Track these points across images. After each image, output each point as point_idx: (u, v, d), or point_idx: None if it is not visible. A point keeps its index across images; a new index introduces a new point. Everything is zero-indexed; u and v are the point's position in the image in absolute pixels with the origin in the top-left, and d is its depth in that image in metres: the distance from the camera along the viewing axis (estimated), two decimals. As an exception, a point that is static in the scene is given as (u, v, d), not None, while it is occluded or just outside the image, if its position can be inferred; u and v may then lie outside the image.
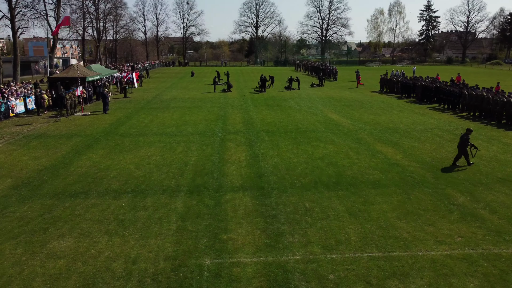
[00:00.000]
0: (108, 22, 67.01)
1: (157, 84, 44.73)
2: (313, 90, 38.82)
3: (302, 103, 29.83)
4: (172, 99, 32.15)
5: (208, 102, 30.08)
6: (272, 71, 66.12)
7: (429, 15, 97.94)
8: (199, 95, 34.38)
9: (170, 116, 24.12)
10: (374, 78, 52.05)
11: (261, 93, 35.75)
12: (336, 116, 24.10)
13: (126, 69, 49.66)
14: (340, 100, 31.25)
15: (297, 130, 20.06)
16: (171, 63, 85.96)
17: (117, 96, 33.83)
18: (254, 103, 29.54)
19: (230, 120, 22.91)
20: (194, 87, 40.85)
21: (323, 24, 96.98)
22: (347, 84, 44.75)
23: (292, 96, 33.96)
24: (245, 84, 44.64)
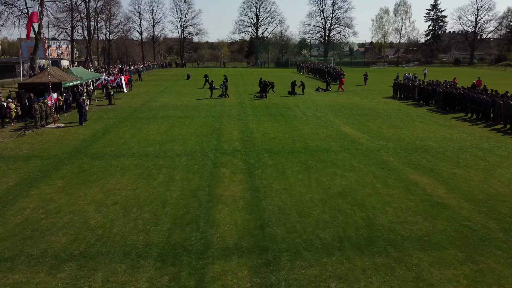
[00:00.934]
0: (101, 21, 63.56)
1: (149, 88, 41.22)
2: (319, 95, 35.33)
3: (308, 111, 26.32)
4: (162, 106, 28.66)
5: (202, 111, 26.58)
6: (273, 73, 62.84)
7: (435, 14, 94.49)
8: (193, 102, 30.89)
9: (156, 129, 20.61)
10: (382, 81, 48.60)
11: (262, 99, 32.27)
12: (350, 129, 20.59)
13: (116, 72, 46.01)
14: (351, 108, 27.75)
15: (307, 149, 16.56)
16: (168, 65, 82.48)
17: (102, 103, 30.33)
18: (254, 112, 26.04)
19: (226, 134, 19.40)
20: (189, 92, 37.35)
21: (326, 24, 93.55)
22: (355, 88, 41.23)
23: (297, 102, 30.46)
24: (245, 88, 41.14)
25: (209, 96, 33.32)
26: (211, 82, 33.87)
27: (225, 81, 39.65)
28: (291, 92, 35.56)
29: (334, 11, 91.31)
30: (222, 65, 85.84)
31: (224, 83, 34.53)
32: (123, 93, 36.38)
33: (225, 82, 35.10)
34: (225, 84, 34.64)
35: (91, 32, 59.03)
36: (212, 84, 33.63)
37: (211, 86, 33.46)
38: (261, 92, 33.29)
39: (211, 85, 33.50)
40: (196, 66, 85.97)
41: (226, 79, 40.45)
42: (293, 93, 35.47)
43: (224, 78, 40.77)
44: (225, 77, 40.74)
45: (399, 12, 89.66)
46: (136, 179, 12.91)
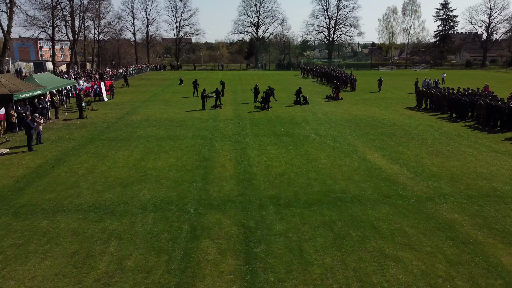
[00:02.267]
0: (88, 20, 58.62)
1: (134, 95, 36.22)
2: (329, 105, 30.34)
3: (321, 129, 21.35)
4: (144, 121, 23.69)
5: (190, 128, 21.60)
6: (275, 77, 57.84)
7: (445, 14, 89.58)
8: (182, 114, 25.91)
9: (125, 159, 15.63)
10: (396, 86, 43.60)
11: (263, 111, 27.30)
12: (380, 159, 15.61)
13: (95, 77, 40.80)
14: (372, 124, 22.77)
15: (329, 198, 11.57)
16: (162, 67, 77.48)
17: (72, 116, 25.36)
18: (254, 130, 21.06)
19: (216, 168, 14.41)
20: (178, 101, 32.36)
21: (330, 23, 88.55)
22: (369, 96, 36.22)
23: (305, 116, 25.48)
24: (243, 96, 36.14)
25: (201, 107, 28.33)
26: (203, 91, 28.73)
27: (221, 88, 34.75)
28: (297, 101, 30.60)
29: (339, 10, 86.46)
30: (220, 67, 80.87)
31: (216, 91, 29.52)
32: (103, 102, 31.43)
33: (219, 90, 30.00)
34: (218, 91, 29.61)
35: (76, 32, 54.02)
36: (204, 94, 28.50)
37: (202, 96, 28.36)
38: (263, 102, 28.28)
39: (203, 95, 28.40)
40: (193, 68, 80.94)
41: (223, 85, 35.42)
42: (299, 102, 30.50)
43: (221, 84, 35.74)
44: (222, 83, 35.68)
45: (408, 12, 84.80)
46: (60, 269, 7.92)
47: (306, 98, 30.80)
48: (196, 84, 34.83)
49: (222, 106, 28.97)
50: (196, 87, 34.60)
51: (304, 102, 30.49)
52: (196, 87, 34.62)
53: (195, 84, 34.81)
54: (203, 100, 28.34)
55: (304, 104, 30.32)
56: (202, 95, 28.36)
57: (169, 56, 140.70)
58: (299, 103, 30.49)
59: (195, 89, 34.54)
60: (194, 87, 34.69)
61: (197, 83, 35.07)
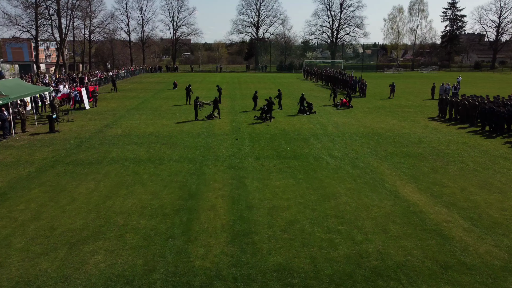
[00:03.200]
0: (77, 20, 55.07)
1: (121, 102, 32.64)
2: (339, 115, 26.79)
3: (334, 147, 17.80)
4: (124, 136, 20.13)
5: (177, 146, 18.03)
6: (276, 80, 54.22)
7: (453, 14, 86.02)
8: (170, 127, 22.35)
9: (86, 196, 12.07)
10: (409, 91, 39.95)
11: (265, 122, 23.75)
12: (418, 195, 12.05)
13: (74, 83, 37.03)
14: (393, 140, 19.21)
15: (362, 268, 8.03)
16: (158, 69, 73.86)
17: (42, 130, 21.78)
18: (254, 150, 17.49)
19: (204, 212, 10.84)
20: (169, 110, 28.79)
21: (333, 23, 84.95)
22: (382, 103, 32.63)
23: (314, 129, 21.92)
24: (243, 102, 32.57)
25: (194, 117, 24.77)
26: (196, 99, 25.07)
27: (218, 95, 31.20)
28: (302, 110, 27.05)
29: (342, 9, 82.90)
30: (218, 69, 77.32)
31: (215, 100, 26.02)
32: (84, 111, 27.87)
33: (217, 98, 26.41)
34: (216, 100, 26.09)
35: (63, 31, 50.45)
36: (197, 102, 24.82)
37: (195, 105, 24.72)
38: (265, 112, 24.69)
39: (196, 103, 24.74)
40: (190, 70, 77.35)
41: (219, 92, 31.84)
42: (304, 111, 26.94)
43: (218, 90, 32.16)
44: (219, 89, 32.12)
45: (415, 11, 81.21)
46: None
47: (311, 105, 27.23)
48: (189, 90, 31.14)
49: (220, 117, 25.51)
50: (189, 94, 30.95)
51: (310, 111, 26.94)
52: (189, 93, 30.96)
53: (188, 90, 31.13)
54: (195, 109, 24.74)
55: (310, 113, 26.77)
56: (195, 103, 24.74)
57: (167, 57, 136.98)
58: (305, 112, 26.93)
59: (188, 96, 30.92)
60: (187, 93, 31.02)
61: (191, 90, 31.36)
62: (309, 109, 27.05)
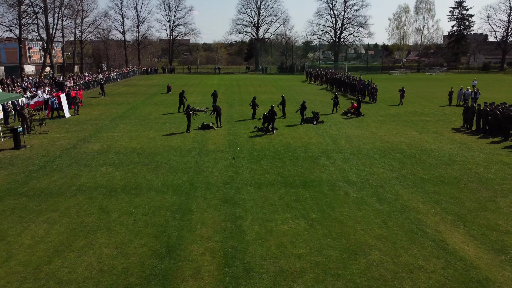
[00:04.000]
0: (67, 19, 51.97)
1: (107, 109, 29.53)
2: (350, 125, 23.72)
3: (351, 170, 14.72)
4: (101, 153, 17.06)
5: (161, 169, 14.95)
6: (277, 82, 51.07)
7: (461, 13, 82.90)
8: (157, 141, 19.28)
9: (27, 250, 9.01)
10: (422, 95, 36.78)
11: (267, 135, 20.67)
12: (474, 249, 9.00)
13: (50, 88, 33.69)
14: (419, 158, 16.14)
15: None
16: (154, 70, 70.70)
17: (7, 145, 18.68)
18: (255, 173, 14.40)
19: (183, 280, 7.76)
20: (158, 119, 25.70)
21: (336, 23, 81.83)
22: (396, 110, 29.52)
23: (323, 142, 18.84)
24: (241, 108, 29.48)
25: (186, 128, 21.69)
26: (188, 107, 21.89)
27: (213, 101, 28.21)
28: (308, 119, 23.99)
29: (346, 8, 79.75)
30: (216, 70, 74.21)
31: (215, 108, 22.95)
32: (63, 120, 24.81)
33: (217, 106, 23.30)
34: (216, 108, 23.00)
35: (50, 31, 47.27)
36: (189, 110, 21.63)
37: (188, 114, 21.55)
38: (266, 121, 21.59)
39: (188, 111, 21.58)
40: (187, 71, 74.22)
41: (215, 97, 28.78)
42: (310, 121, 23.88)
43: (212, 96, 29.09)
44: (215, 95, 29.02)
45: (421, 10, 78.09)
46: None
47: (317, 114, 24.15)
48: (182, 97, 27.87)
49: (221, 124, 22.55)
50: (183, 101, 27.70)
51: (316, 120, 23.89)
52: (183, 101, 27.71)
53: (182, 97, 27.84)
54: (188, 119, 21.62)
55: (318, 123, 23.71)
56: (187, 112, 21.61)
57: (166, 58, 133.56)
58: (311, 121, 23.85)
59: (181, 103, 27.72)
60: (180, 100, 27.77)
61: (184, 96, 28.06)
62: (315, 119, 23.99)
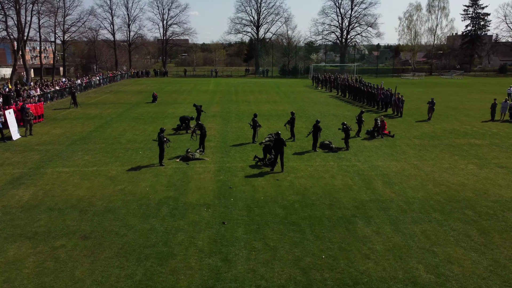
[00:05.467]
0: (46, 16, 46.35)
1: (71, 127, 23.78)
2: (379, 151, 18.08)
3: (412, 255, 9.08)
4: (26, 210, 11.44)
5: (104, 250, 9.31)
6: (280, 88, 45.05)
7: (475, 12, 77.34)
8: (118, 183, 13.64)
9: None
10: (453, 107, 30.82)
11: (272, 173, 15.01)
12: None
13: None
14: (504, 221, 10.49)
15: None
16: (145, 73, 64.90)
17: None
18: (256, 263, 8.74)
19: None
20: (130, 142, 20.04)
21: (343, 22, 76.10)
22: (430, 128, 23.85)
23: (352, 186, 13.20)
24: (239, 126, 23.80)
25: (158, 161, 16.06)
26: (160, 132, 16.02)
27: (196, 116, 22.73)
28: (326, 145, 18.40)
29: (353, 6, 73.97)
30: (213, 73, 68.52)
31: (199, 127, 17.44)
32: (8, 143, 19.17)
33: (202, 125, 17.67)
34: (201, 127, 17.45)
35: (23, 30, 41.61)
36: (163, 137, 15.87)
37: (160, 141, 15.82)
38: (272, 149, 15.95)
39: (161, 139, 15.83)
40: (183, 74, 68.48)
41: (198, 112, 22.99)
42: (328, 147, 18.27)
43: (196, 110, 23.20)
44: (198, 109, 23.14)
45: (435, 9, 72.35)
46: None
47: (330, 144, 18.53)
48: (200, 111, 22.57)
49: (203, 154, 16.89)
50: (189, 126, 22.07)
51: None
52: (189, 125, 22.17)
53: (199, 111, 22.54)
54: (161, 147, 15.95)
55: (337, 149, 18.10)
56: (160, 139, 15.92)
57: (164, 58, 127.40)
58: (328, 146, 18.24)
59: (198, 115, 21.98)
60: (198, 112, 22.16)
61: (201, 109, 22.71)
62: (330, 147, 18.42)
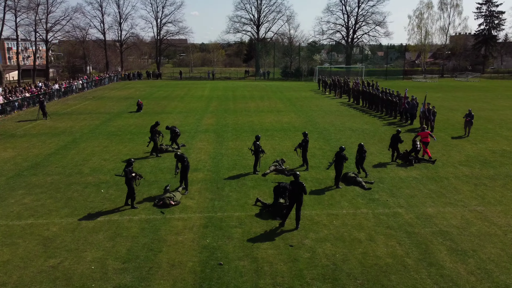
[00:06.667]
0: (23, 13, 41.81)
1: (28, 147, 19.14)
2: (425, 188, 13.53)
3: None
4: None
5: None
6: (284, 93, 40.16)
7: (489, 10, 72.80)
8: (55, 245, 9.09)
9: None
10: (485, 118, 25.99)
11: (280, 228, 10.45)
12: None
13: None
14: None
15: None
16: (137, 75, 60.23)
17: None
18: None
19: None
20: (95, 171, 15.47)
21: (349, 21, 71.55)
22: (474, 148, 19.24)
23: (405, 258, 8.61)
24: (236, 145, 19.20)
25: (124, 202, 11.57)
26: (129, 165, 11.51)
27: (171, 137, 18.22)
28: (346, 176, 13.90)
29: (360, 4, 69.44)
30: (210, 76, 63.92)
31: (180, 158, 12.92)
32: None
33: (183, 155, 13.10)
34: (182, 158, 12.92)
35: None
36: (129, 174, 11.36)
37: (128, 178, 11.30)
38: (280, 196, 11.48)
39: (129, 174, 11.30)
40: (178, 76, 63.75)
41: (173, 135, 18.20)
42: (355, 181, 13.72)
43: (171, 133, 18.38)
44: (172, 132, 18.41)
45: (447, 6, 67.81)
46: None
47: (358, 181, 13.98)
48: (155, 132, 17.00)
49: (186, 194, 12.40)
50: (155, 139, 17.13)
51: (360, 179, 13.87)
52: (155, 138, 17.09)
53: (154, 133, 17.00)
54: (129, 185, 11.43)
55: (366, 187, 13.56)
56: (126, 173, 11.37)
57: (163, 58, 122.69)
58: (355, 182, 13.71)
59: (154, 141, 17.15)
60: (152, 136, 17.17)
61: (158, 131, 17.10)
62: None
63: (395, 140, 16.25)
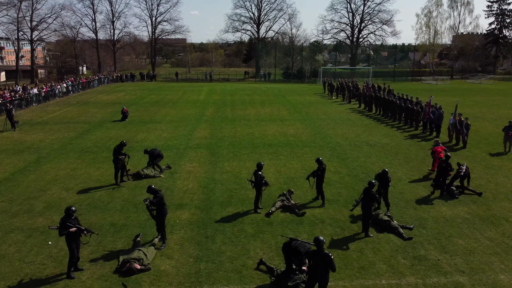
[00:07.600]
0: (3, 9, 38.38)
1: (-18, 167, 15.84)
2: (484, 237, 10.14)
3: None
4: None
5: None
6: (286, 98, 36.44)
7: (500, 8, 69.37)
8: None
9: None
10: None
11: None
12: None
13: None
14: None
15: None
16: (130, 77, 56.70)
17: None
18: None
19: None
20: (55, 203, 12.05)
21: (354, 19, 68.03)
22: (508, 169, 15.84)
23: None
24: (233, 166, 15.75)
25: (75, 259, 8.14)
26: (68, 215, 7.90)
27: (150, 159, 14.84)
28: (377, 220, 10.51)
29: (366, 2, 65.89)
30: (207, 77, 60.42)
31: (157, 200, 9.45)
32: None
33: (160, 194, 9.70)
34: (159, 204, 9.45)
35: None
36: (68, 228, 7.91)
37: (70, 239, 7.96)
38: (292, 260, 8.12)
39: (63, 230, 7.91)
40: (174, 77, 60.21)
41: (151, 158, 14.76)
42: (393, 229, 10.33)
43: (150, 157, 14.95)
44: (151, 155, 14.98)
45: (458, 4, 64.33)
46: None
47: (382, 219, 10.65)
48: (119, 155, 13.59)
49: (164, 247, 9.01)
50: (118, 164, 13.75)
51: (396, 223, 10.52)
52: (118, 162, 13.72)
53: (118, 155, 13.57)
54: (68, 245, 8.09)
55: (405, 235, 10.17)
56: (63, 228, 8.01)
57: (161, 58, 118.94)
58: (391, 229, 10.32)
59: (117, 166, 13.76)
60: (115, 161, 13.82)
61: (123, 154, 13.73)
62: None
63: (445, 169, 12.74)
